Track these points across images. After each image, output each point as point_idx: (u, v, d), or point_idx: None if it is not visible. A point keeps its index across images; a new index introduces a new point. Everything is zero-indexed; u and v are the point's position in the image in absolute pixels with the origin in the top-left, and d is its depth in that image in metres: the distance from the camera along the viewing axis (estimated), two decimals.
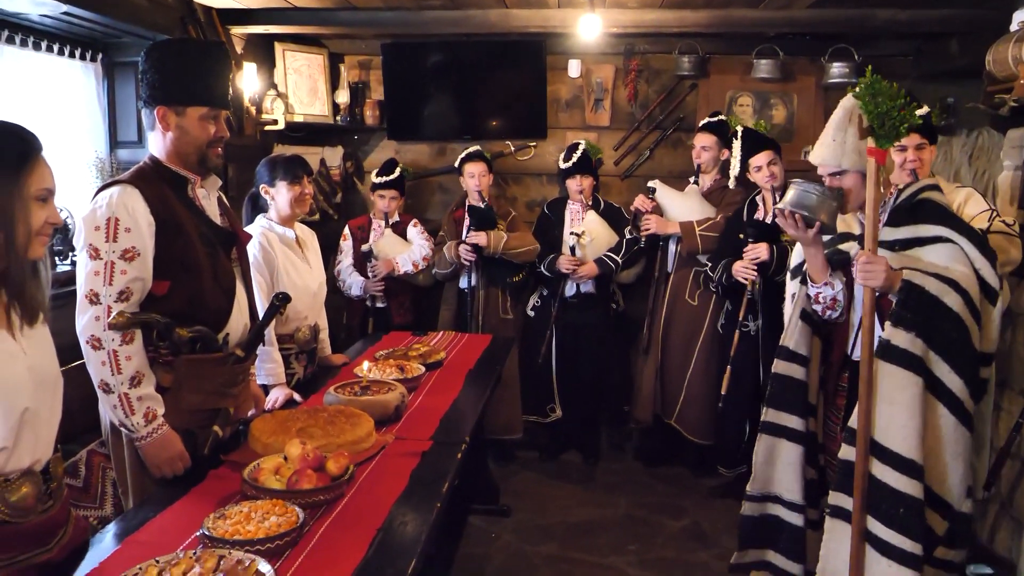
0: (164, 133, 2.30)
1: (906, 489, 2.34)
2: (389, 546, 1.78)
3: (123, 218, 2.16)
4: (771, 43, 4.71)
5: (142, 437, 2.18)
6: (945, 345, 2.37)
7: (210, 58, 2.34)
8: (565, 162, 4.56)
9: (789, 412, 2.81)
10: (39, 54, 3.51)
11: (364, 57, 5.19)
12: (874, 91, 2.31)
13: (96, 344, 2.14)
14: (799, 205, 2.64)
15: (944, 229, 2.47)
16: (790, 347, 2.81)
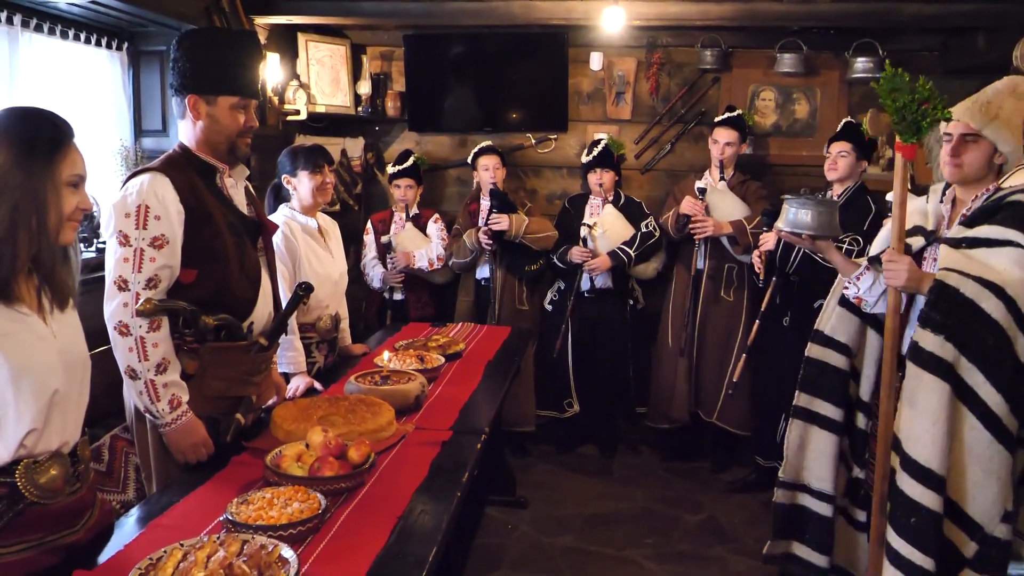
0: (195, 122, 2.31)
1: (921, 499, 2.25)
2: (410, 534, 1.79)
3: (153, 206, 2.17)
4: (795, 37, 4.67)
5: (167, 424, 2.19)
6: (981, 353, 2.23)
7: (242, 48, 2.34)
8: (587, 156, 4.55)
9: (824, 399, 2.76)
10: (66, 42, 3.55)
11: (386, 48, 5.19)
12: (893, 86, 2.27)
13: (124, 331, 2.15)
14: (796, 225, 2.67)
15: (1017, 233, 2.29)
16: (825, 331, 2.78)
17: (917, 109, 2.25)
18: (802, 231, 2.70)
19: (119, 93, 3.93)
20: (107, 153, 3.76)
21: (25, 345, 1.56)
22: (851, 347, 2.76)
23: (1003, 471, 2.24)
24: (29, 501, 1.58)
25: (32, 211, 1.54)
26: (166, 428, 2.20)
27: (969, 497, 2.27)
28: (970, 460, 2.25)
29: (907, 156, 2.32)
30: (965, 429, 2.25)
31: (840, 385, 2.76)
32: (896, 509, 2.31)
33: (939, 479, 2.24)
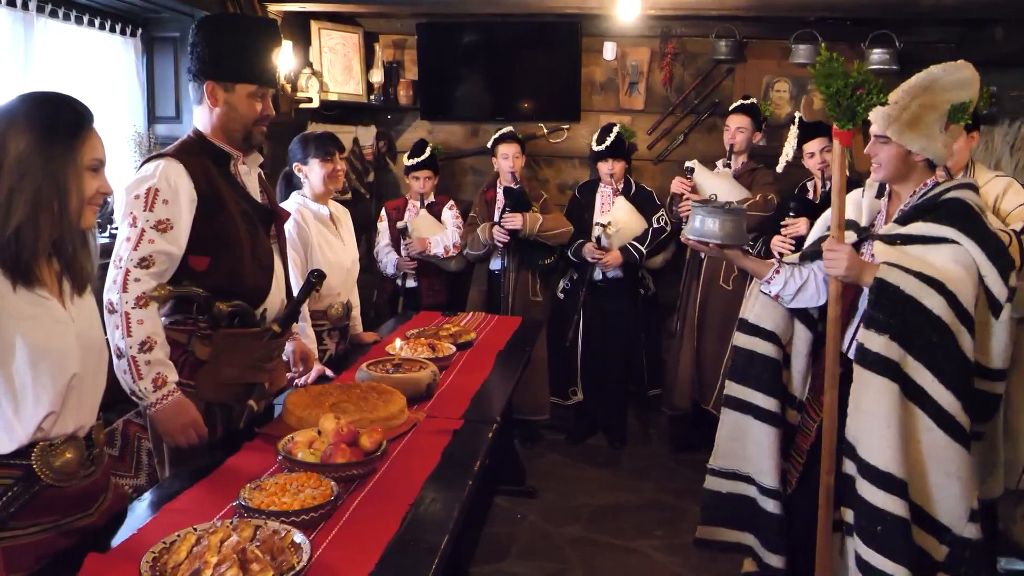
0: (211, 108, 2.30)
1: (884, 505, 2.19)
2: (422, 522, 1.80)
3: (163, 189, 2.16)
4: (810, 28, 4.63)
5: (151, 404, 2.14)
6: (926, 351, 2.20)
7: (262, 36, 2.33)
8: (598, 144, 4.53)
9: (755, 389, 2.73)
10: (81, 28, 3.55)
11: (399, 37, 5.18)
12: (827, 71, 2.21)
13: (111, 308, 2.12)
14: (703, 234, 2.63)
15: (953, 231, 2.28)
16: (750, 320, 2.76)
17: (852, 95, 2.19)
18: (710, 240, 2.64)
19: (133, 79, 3.93)
20: (121, 139, 3.77)
21: (44, 329, 1.57)
22: (779, 335, 2.73)
23: (963, 471, 2.21)
24: (45, 483, 1.59)
25: (54, 195, 1.55)
26: (152, 409, 2.15)
27: (933, 500, 2.23)
28: (930, 463, 2.22)
29: (844, 143, 2.26)
30: (921, 431, 2.21)
31: (771, 374, 2.72)
32: (861, 518, 2.26)
33: (900, 483, 2.19)
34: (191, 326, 2.25)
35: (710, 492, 2.84)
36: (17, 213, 1.51)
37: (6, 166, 1.51)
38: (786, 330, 2.74)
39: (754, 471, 2.74)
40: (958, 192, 2.35)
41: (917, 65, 4.57)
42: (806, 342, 2.71)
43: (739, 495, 2.79)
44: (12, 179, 1.51)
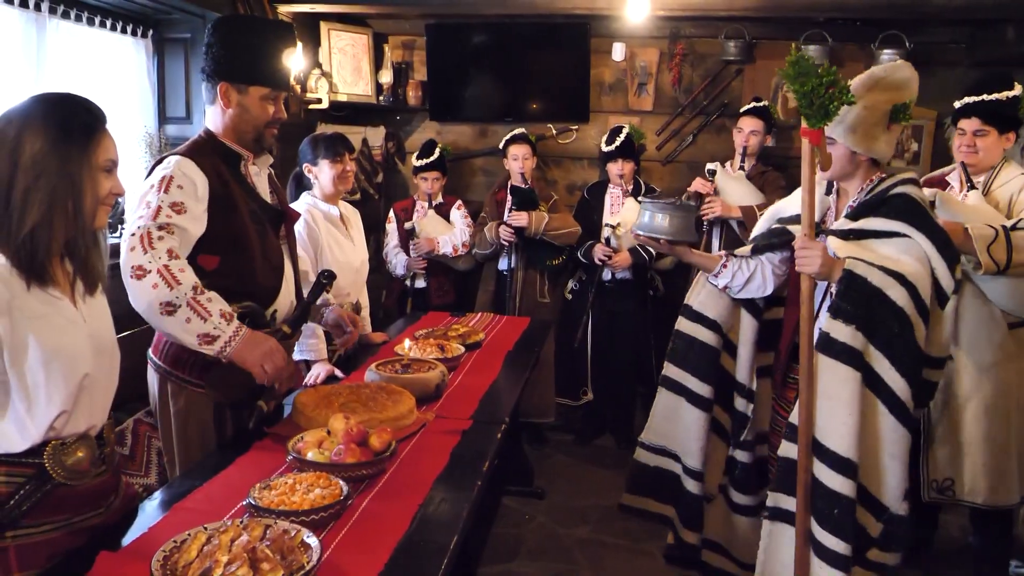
0: (224, 109, 2.30)
1: (841, 489, 2.28)
2: (431, 522, 1.80)
3: (177, 177, 2.16)
4: (820, 28, 4.62)
5: (229, 339, 2.06)
6: (887, 340, 2.28)
7: (277, 39, 2.32)
8: (607, 145, 4.53)
9: (692, 374, 2.85)
10: (92, 29, 3.57)
11: (408, 38, 5.19)
12: (799, 70, 2.23)
13: (140, 272, 2.03)
14: (652, 229, 2.65)
15: (902, 225, 2.37)
16: (693, 306, 2.87)
17: (824, 93, 2.21)
18: (659, 236, 2.67)
19: (143, 80, 3.95)
20: (131, 140, 3.78)
21: (57, 328, 1.58)
22: (721, 324, 2.83)
23: (904, 453, 2.32)
24: (56, 482, 1.60)
25: (68, 195, 1.56)
26: (230, 346, 2.07)
27: (876, 480, 2.33)
28: (879, 445, 2.31)
29: (813, 141, 2.28)
30: (875, 416, 2.30)
31: (709, 362, 2.83)
32: (818, 501, 2.33)
33: (855, 467, 2.28)
34: None
35: (637, 464, 3.04)
36: (32, 213, 1.52)
37: (21, 167, 1.52)
38: (729, 319, 2.85)
39: (681, 451, 2.92)
40: (903, 187, 2.43)
41: (928, 66, 4.61)
42: (752, 330, 2.82)
43: (665, 470, 2.97)
44: (28, 179, 1.52)
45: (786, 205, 2.81)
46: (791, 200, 2.76)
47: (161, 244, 2.06)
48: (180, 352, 2.27)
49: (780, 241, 2.68)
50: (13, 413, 1.55)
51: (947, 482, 3.06)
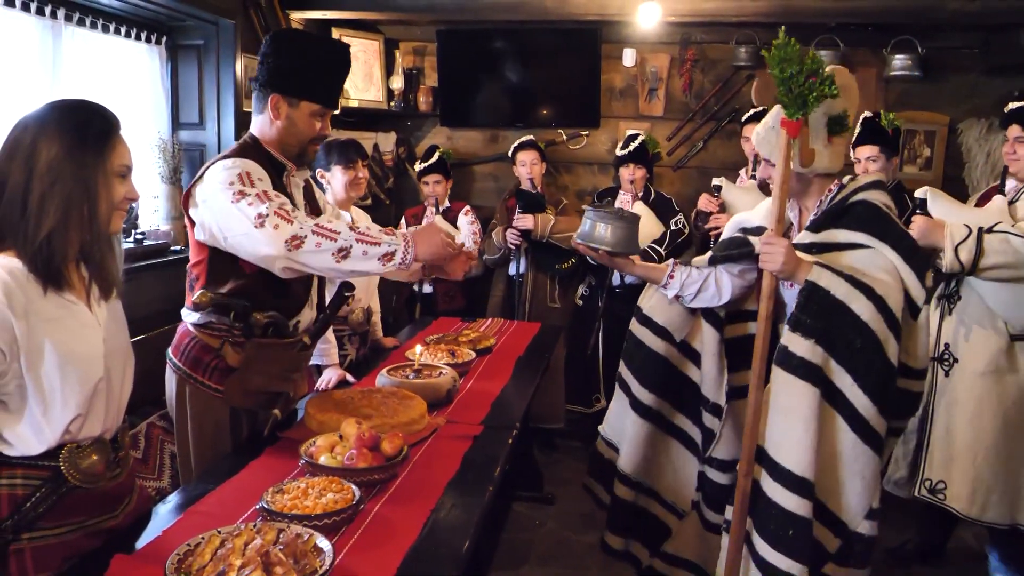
0: (272, 120, 2.30)
1: (797, 510, 2.17)
2: (443, 527, 1.80)
3: (252, 171, 2.16)
4: (831, 34, 4.61)
5: (407, 244, 2.10)
6: (848, 355, 2.17)
7: (333, 58, 2.34)
8: (621, 150, 4.53)
9: (635, 376, 2.77)
10: (106, 36, 3.60)
11: (419, 44, 5.22)
12: (783, 55, 2.12)
13: (297, 242, 2.03)
14: (593, 239, 2.52)
15: (864, 236, 2.27)
16: (643, 310, 2.78)
17: (804, 82, 2.10)
18: (599, 246, 2.54)
19: (157, 86, 3.98)
20: (145, 146, 3.81)
21: (73, 333, 1.60)
22: (671, 332, 2.70)
23: (867, 470, 2.21)
24: (72, 485, 1.61)
25: (84, 201, 1.57)
26: (407, 249, 2.09)
27: (835, 496, 2.24)
28: (837, 462, 2.22)
29: (791, 133, 2.16)
30: (834, 431, 2.20)
31: (653, 368, 2.71)
32: (769, 522, 2.21)
33: (811, 486, 2.18)
34: (226, 332, 2.27)
35: (595, 451, 3.00)
36: (48, 218, 1.54)
37: (37, 173, 1.53)
38: (682, 326, 2.72)
39: (622, 453, 2.85)
40: (865, 194, 2.33)
41: (940, 71, 4.61)
42: (714, 341, 2.66)
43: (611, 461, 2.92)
44: (44, 185, 1.53)
45: (751, 215, 2.67)
46: (756, 210, 2.65)
47: (292, 214, 2.08)
48: (200, 354, 2.29)
49: (739, 253, 2.55)
50: (29, 416, 1.56)
51: (940, 484, 3.05)
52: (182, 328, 2.36)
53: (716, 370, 2.65)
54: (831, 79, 2.13)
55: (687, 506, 2.82)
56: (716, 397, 2.65)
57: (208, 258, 2.24)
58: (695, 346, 2.73)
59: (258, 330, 2.24)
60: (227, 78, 4.07)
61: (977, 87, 4.62)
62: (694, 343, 2.74)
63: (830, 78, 2.13)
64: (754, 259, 2.46)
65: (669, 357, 2.74)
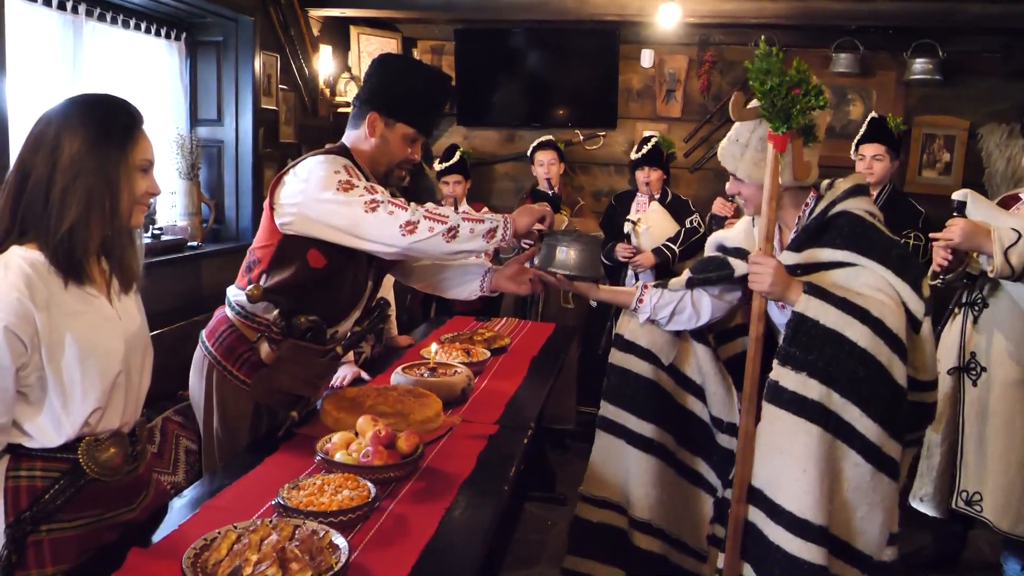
0: (367, 136, 2.35)
1: (800, 554, 2.04)
2: (458, 526, 1.80)
3: (352, 168, 2.25)
4: (851, 36, 4.59)
5: (506, 219, 2.25)
6: (852, 385, 2.04)
7: (435, 87, 2.40)
8: (636, 153, 4.52)
9: (628, 411, 2.56)
10: (127, 32, 3.62)
11: (437, 42, 5.22)
12: (764, 67, 2.03)
13: (411, 227, 2.14)
14: (549, 264, 2.43)
15: (848, 253, 2.15)
16: (625, 336, 2.59)
17: (786, 95, 2.01)
18: (557, 271, 2.44)
19: (176, 82, 4.00)
20: (164, 141, 3.83)
21: (93, 326, 1.60)
22: (656, 353, 2.55)
23: (887, 499, 2.11)
24: (90, 477, 1.62)
25: (106, 194, 1.58)
26: (507, 224, 2.24)
27: (857, 532, 2.12)
28: (855, 497, 2.10)
29: (777, 147, 2.07)
30: (847, 468, 2.08)
31: (645, 395, 2.54)
32: (774, 567, 2.10)
33: (818, 530, 2.04)
34: (264, 327, 2.28)
35: (579, 520, 2.68)
36: (70, 212, 1.54)
37: (60, 166, 1.54)
38: (668, 348, 2.56)
39: (623, 499, 2.59)
40: (843, 203, 2.21)
41: (961, 75, 4.57)
42: (710, 360, 2.53)
43: (609, 525, 2.61)
44: (66, 179, 1.54)
45: (730, 234, 2.54)
46: (735, 231, 2.53)
47: (400, 200, 2.18)
48: (235, 344, 2.30)
49: (717, 276, 2.43)
50: (49, 409, 1.57)
51: (976, 495, 3.01)
52: (220, 314, 2.38)
53: (723, 389, 2.52)
54: (818, 89, 2.04)
55: (706, 544, 2.60)
56: (730, 416, 2.50)
57: (278, 243, 2.27)
58: (688, 373, 2.58)
59: (298, 332, 2.25)
60: (246, 75, 4.08)
61: (998, 91, 4.58)
62: (686, 369, 2.58)
63: (817, 88, 2.04)
64: (733, 281, 2.40)
65: (660, 382, 2.57)
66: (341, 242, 2.19)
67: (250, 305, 2.29)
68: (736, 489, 2.22)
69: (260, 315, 2.30)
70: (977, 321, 3.04)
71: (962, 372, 3.05)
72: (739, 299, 2.49)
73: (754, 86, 2.06)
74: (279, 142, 4.41)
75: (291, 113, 4.50)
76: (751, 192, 2.27)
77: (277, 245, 2.28)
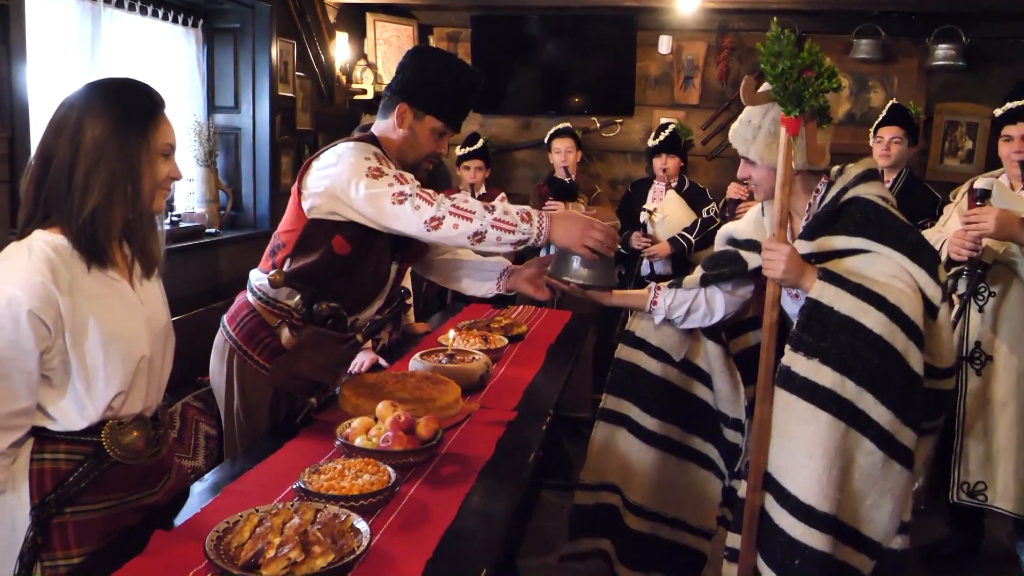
0: (396, 127, 2.34)
1: (803, 539, 2.03)
2: (478, 512, 1.80)
3: (381, 155, 2.23)
4: (873, 22, 4.54)
5: (540, 230, 2.16)
6: (866, 373, 2.01)
7: (465, 82, 2.37)
8: (653, 140, 4.50)
9: (633, 403, 2.59)
10: (145, 19, 3.62)
11: (453, 29, 5.20)
12: (776, 50, 1.98)
13: (436, 223, 2.11)
14: (563, 273, 2.40)
15: (862, 240, 2.11)
16: (635, 333, 2.63)
17: (798, 78, 1.97)
18: (572, 280, 2.40)
19: (193, 69, 4.01)
20: (181, 128, 3.84)
21: (116, 310, 1.61)
22: (667, 352, 2.56)
23: (898, 487, 2.08)
24: (113, 461, 1.63)
25: (128, 179, 1.58)
26: (539, 235, 2.16)
27: (867, 520, 2.10)
28: (866, 485, 2.07)
29: (790, 131, 2.03)
30: (860, 456, 2.05)
31: (653, 392, 2.56)
32: (776, 550, 2.10)
33: (822, 516, 2.03)
34: (286, 313, 2.29)
35: (577, 507, 2.72)
36: (93, 195, 1.55)
37: (83, 150, 1.54)
38: (679, 346, 2.57)
39: (620, 481, 2.64)
40: (855, 189, 2.17)
41: (985, 62, 4.51)
42: (720, 357, 2.53)
43: (603, 504, 2.68)
44: (89, 162, 1.55)
45: (740, 225, 2.50)
46: (745, 221, 2.49)
47: (428, 193, 2.14)
48: (256, 329, 2.31)
49: (730, 272, 2.40)
50: (73, 392, 1.58)
51: (980, 485, 3.00)
52: (242, 298, 2.39)
53: (729, 386, 2.52)
54: (832, 71, 2.00)
55: (714, 524, 2.65)
56: (735, 413, 2.52)
57: (304, 228, 2.27)
58: (699, 363, 2.59)
59: (319, 319, 2.25)
60: (263, 62, 4.08)
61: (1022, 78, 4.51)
62: (697, 360, 2.59)
63: (830, 70, 2.00)
64: (747, 274, 2.37)
65: (669, 379, 2.59)
66: (367, 224, 2.19)
67: (272, 290, 2.30)
68: (752, 478, 2.20)
69: (282, 301, 2.30)
70: (983, 310, 3.01)
71: (965, 362, 3.03)
72: (751, 292, 2.47)
73: (765, 69, 2.02)
74: (296, 129, 4.42)
75: (308, 100, 4.50)
76: (763, 175, 2.23)
77: (303, 230, 2.28)
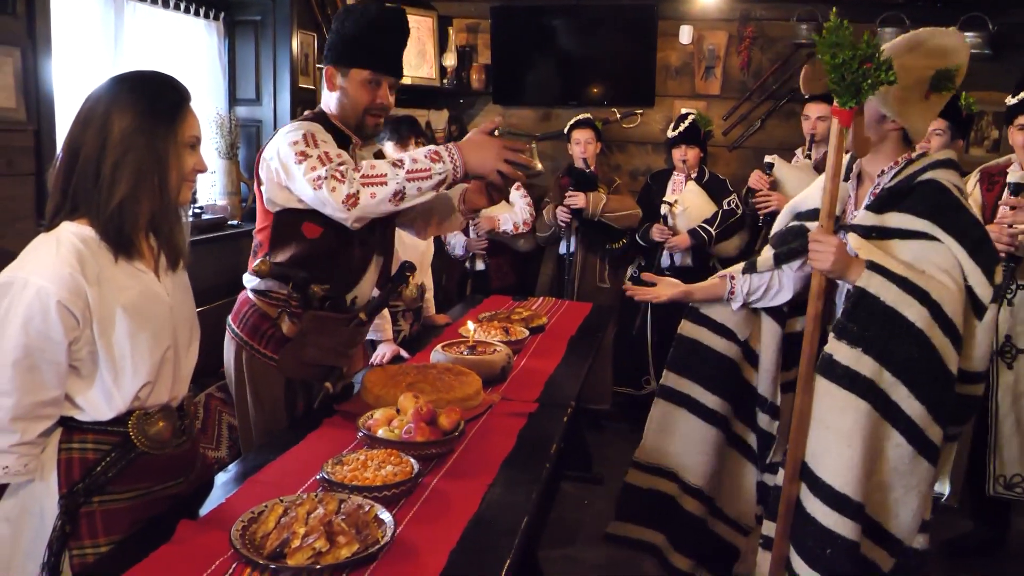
0: (330, 92, 2.34)
1: (836, 528, 2.04)
2: (500, 503, 1.80)
3: (317, 133, 2.19)
4: (898, 11, 4.47)
5: (455, 165, 2.09)
6: (904, 365, 2.01)
7: (382, 23, 2.30)
8: (672, 131, 4.47)
9: (694, 381, 2.59)
10: (167, 12, 3.64)
11: (472, 21, 5.19)
12: (834, 40, 1.97)
13: (353, 200, 2.05)
14: None
15: (929, 225, 2.09)
16: (701, 309, 2.62)
17: (857, 69, 1.96)
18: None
19: (215, 62, 4.02)
20: (203, 121, 3.84)
21: (143, 301, 1.63)
22: (733, 330, 2.56)
23: (923, 484, 2.07)
24: (140, 451, 1.65)
25: (155, 170, 1.60)
26: (456, 170, 2.09)
27: (891, 515, 2.10)
28: (893, 478, 2.07)
29: (843, 122, 2.03)
30: (889, 447, 2.05)
31: (715, 370, 2.57)
32: (807, 539, 2.10)
33: (856, 506, 2.03)
34: (283, 303, 2.29)
35: (628, 486, 2.74)
36: (120, 187, 1.56)
37: (111, 143, 1.56)
38: (743, 324, 2.58)
39: (678, 466, 2.64)
40: (934, 172, 2.14)
41: (1012, 50, 4.44)
42: (774, 336, 2.53)
43: (658, 492, 2.68)
44: (116, 155, 1.56)
45: (804, 198, 2.49)
46: (811, 191, 2.48)
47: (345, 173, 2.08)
48: (258, 323, 2.32)
49: (800, 246, 2.37)
50: (100, 383, 1.60)
51: (1016, 478, 2.96)
52: (242, 296, 2.40)
53: (773, 366, 2.53)
54: (888, 64, 1.98)
55: (751, 521, 2.64)
56: (772, 396, 2.53)
57: (272, 224, 2.28)
58: (755, 348, 2.59)
59: (315, 302, 2.26)
60: (284, 54, 4.09)
61: None
62: (754, 344, 2.59)
63: (887, 63, 1.98)
64: None
65: (733, 357, 2.60)
66: None
67: (264, 282, 2.31)
68: (789, 468, 2.20)
69: (276, 291, 2.30)
70: (1012, 303, 2.98)
71: (995, 356, 2.99)
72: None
73: (824, 59, 2.01)
74: None
75: None
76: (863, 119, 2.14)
77: (272, 226, 2.28)
